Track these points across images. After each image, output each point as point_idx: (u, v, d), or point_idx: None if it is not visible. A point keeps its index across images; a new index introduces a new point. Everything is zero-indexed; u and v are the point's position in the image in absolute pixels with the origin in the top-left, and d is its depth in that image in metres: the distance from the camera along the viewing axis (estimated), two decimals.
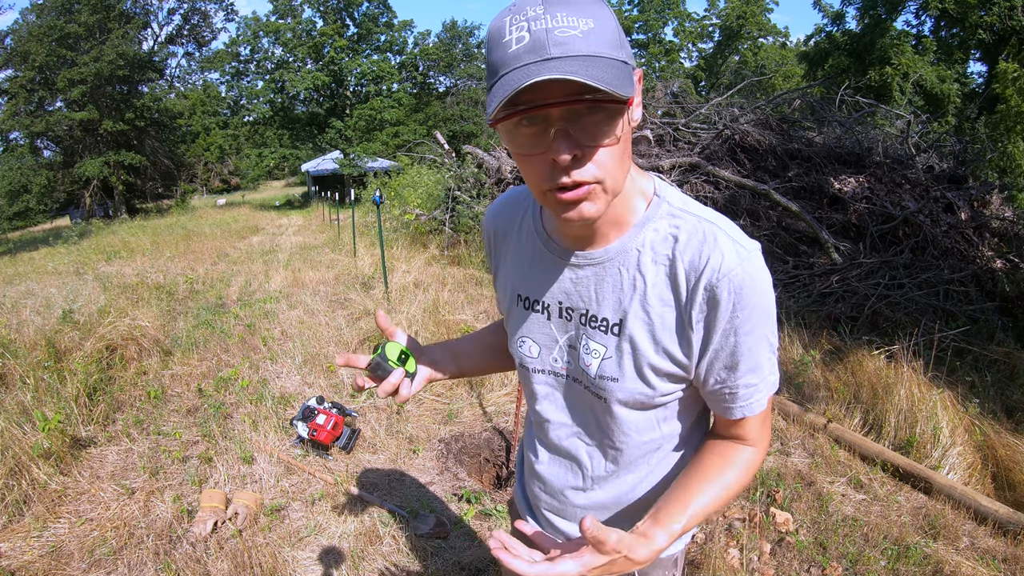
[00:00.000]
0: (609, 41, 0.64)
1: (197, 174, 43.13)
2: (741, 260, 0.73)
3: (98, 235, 14.88)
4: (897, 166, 6.64)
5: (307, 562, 2.38)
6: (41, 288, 7.37)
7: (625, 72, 0.64)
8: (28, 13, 24.25)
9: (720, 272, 0.73)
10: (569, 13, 0.62)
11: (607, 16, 0.65)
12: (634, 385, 0.82)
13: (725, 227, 0.77)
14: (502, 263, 0.97)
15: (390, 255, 7.61)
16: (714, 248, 0.74)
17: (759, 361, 0.78)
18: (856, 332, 4.57)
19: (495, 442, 3.27)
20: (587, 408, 0.90)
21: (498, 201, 1.00)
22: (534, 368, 0.93)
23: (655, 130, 7.83)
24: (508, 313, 0.96)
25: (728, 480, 0.83)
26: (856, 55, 21.31)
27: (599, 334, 0.83)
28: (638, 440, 0.88)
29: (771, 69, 30.41)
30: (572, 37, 0.61)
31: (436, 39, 34.19)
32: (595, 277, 0.82)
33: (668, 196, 0.81)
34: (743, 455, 0.85)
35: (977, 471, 2.96)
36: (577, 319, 0.86)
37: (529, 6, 0.63)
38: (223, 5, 29.22)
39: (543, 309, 0.89)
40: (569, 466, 0.96)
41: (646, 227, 0.79)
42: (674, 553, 1.00)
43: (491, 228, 0.99)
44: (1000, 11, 18.04)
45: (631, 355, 0.81)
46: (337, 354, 1.12)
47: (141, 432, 3.45)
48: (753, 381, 0.79)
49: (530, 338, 0.92)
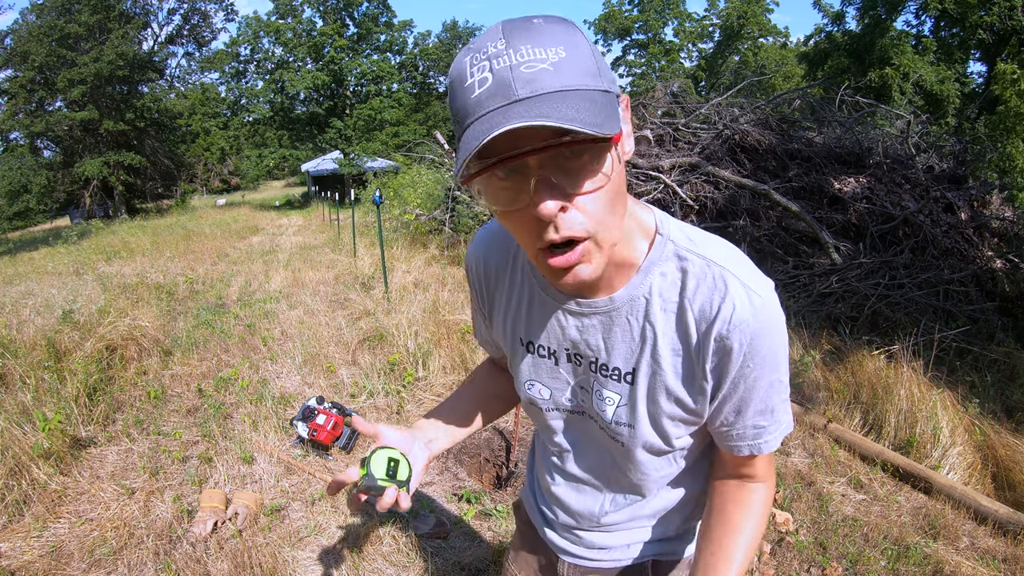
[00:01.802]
0: (585, 69, 0.56)
1: (197, 174, 43.15)
2: (755, 310, 0.69)
3: (98, 235, 14.88)
4: (897, 166, 6.65)
5: (307, 562, 2.38)
6: (41, 288, 7.36)
7: (607, 102, 0.57)
8: (28, 13, 24.26)
9: (731, 323, 0.69)
10: (535, 44, 0.54)
11: (580, 42, 0.57)
12: (649, 432, 0.81)
13: (734, 268, 0.71)
14: (497, 303, 0.89)
15: (390, 255, 7.61)
16: (725, 296, 0.69)
17: (769, 405, 0.77)
18: (856, 332, 4.57)
19: (495, 442, 3.27)
20: (604, 447, 0.89)
21: (486, 232, 0.89)
22: (548, 408, 0.90)
23: (655, 130, 7.83)
24: (511, 355, 0.91)
25: (755, 528, 0.84)
26: (856, 55, 21.33)
27: (612, 383, 0.80)
28: (656, 476, 0.88)
29: (771, 69, 30.41)
30: (541, 72, 0.54)
31: (436, 39, 34.26)
32: (602, 326, 0.78)
33: (672, 234, 0.74)
34: (759, 497, 0.85)
35: (977, 471, 2.97)
36: (587, 366, 0.82)
37: (489, 42, 0.55)
38: (223, 5, 29.22)
39: (550, 355, 0.85)
40: (587, 493, 0.96)
41: (652, 272, 0.73)
42: (689, 556, 1.00)
43: (480, 264, 0.89)
44: (1000, 11, 18.06)
45: (645, 404, 0.79)
46: (337, 354, 1.11)
47: (141, 432, 3.44)
48: (762, 423, 0.78)
49: (539, 382, 0.88)
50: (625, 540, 0.97)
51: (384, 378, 4.04)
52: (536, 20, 0.57)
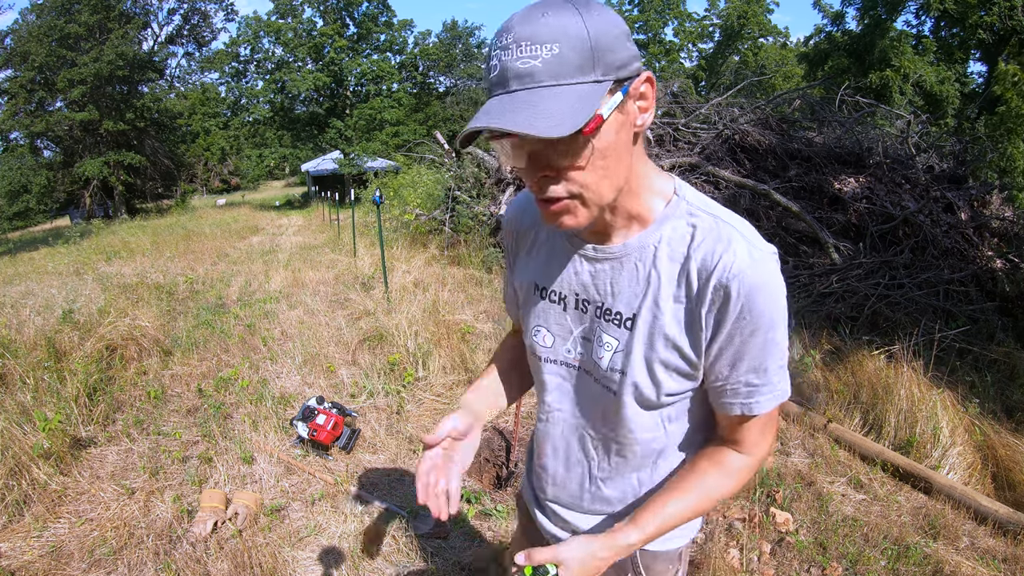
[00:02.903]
0: (576, 64, 0.63)
1: (197, 174, 43.13)
2: (754, 261, 0.74)
3: (98, 235, 14.88)
4: (897, 166, 6.65)
5: (307, 562, 2.38)
6: (41, 288, 7.37)
7: (588, 96, 0.64)
8: (28, 13, 24.25)
9: (731, 272, 0.73)
10: (533, 40, 0.63)
11: (575, 33, 0.63)
12: (642, 379, 0.82)
13: (742, 229, 0.77)
14: (521, 255, 0.98)
15: (390, 255, 7.61)
16: (727, 248, 0.74)
17: (763, 363, 0.78)
18: (856, 332, 4.57)
19: (495, 442, 3.27)
20: (595, 402, 0.91)
21: (525, 196, 1.00)
22: (546, 358, 0.95)
23: (655, 130, 7.83)
24: (524, 303, 0.97)
25: (709, 485, 0.85)
26: (856, 55, 21.32)
27: (613, 327, 0.84)
28: (642, 438, 0.88)
29: (771, 69, 30.40)
30: (532, 68, 0.63)
31: (436, 39, 34.18)
32: (612, 271, 0.84)
33: (687, 195, 0.81)
34: (734, 462, 0.86)
35: (977, 471, 2.97)
36: (592, 312, 0.87)
37: (505, 32, 0.65)
38: (223, 5, 29.21)
39: (559, 300, 0.91)
40: (575, 459, 0.97)
41: (664, 224, 0.80)
42: (678, 547, 0.99)
43: (515, 222, 1.00)
44: (1000, 11, 18.05)
45: (641, 349, 0.81)
46: (337, 354, 1.12)
47: (141, 432, 3.44)
48: (755, 381, 0.79)
49: (545, 327, 0.93)
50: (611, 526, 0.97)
51: (384, 378, 4.04)
52: (545, 12, 0.64)
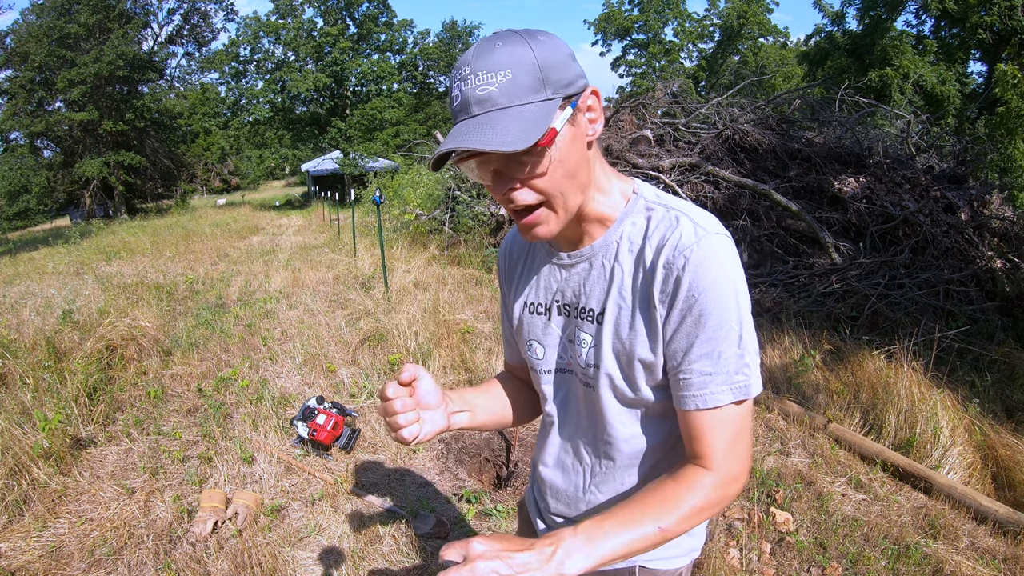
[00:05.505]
0: (528, 86, 0.71)
1: (197, 174, 43.12)
2: (698, 238, 0.76)
3: (98, 235, 14.87)
4: (897, 166, 6.65)
5: (307, 562, 2.38)
6: (41, 288, 7.37)
7: (542, 112, 0.71)
8: (28, 13, 24.28)
9: (677, 249, 0.77)
10: (488, 69, 0.71)
11: (525, 60, 0.71)
12: (613, 370, 0.85)
13: (691, 212, 0.81)
14: (514, 283, 1.03)
15: (390, 255, 7.61)
16: (674, 228, 0.78)
17: (716, 349, 0.75)
18: (856, 332, 4.57)
19: (495, 442, 3.27)
20: (583, 402, 0.94)
21: (515, 230, 1.02)
22: (542, 370, 0.98)
23: (655, 130, 7.83)
24: (519, 326, 1.01)
25: (678, 502, 0.75)
26: (856, 55, 21.32)
27: (587, 324, 0.89)
28: (623, 435, 0.89)
29: (771, 69, 30.38)
30: (490, 93, 0.71)
31: (436, 39, 34.16)
32: (584, 272, 0.89)
33: (644, 192, 0.87)
34: (701, 479, 0.76)
35: (977, 471, 2.96)
36: (574, 314, 0.91)
37: (463, 65, 0.73)
38: (223, 5, 29.21)
39: (545, 311, 0.96)
40: (572, 465, 0.98)
41: (624, 222, 0.85)
42: (679, 568, 0.98)
43: (507, 252, 1.06)
44: (1000, 11, 18.04)
45: (610, 341, 0.85)
46: (337, 354, 1.11)
47: (141, 432, 3.44)
48: (709, 369, 0.76)
49: (536, 340, 0.98)
50: None
51: (384, 378, 4.04)
52: (496, 44, 0.72)
